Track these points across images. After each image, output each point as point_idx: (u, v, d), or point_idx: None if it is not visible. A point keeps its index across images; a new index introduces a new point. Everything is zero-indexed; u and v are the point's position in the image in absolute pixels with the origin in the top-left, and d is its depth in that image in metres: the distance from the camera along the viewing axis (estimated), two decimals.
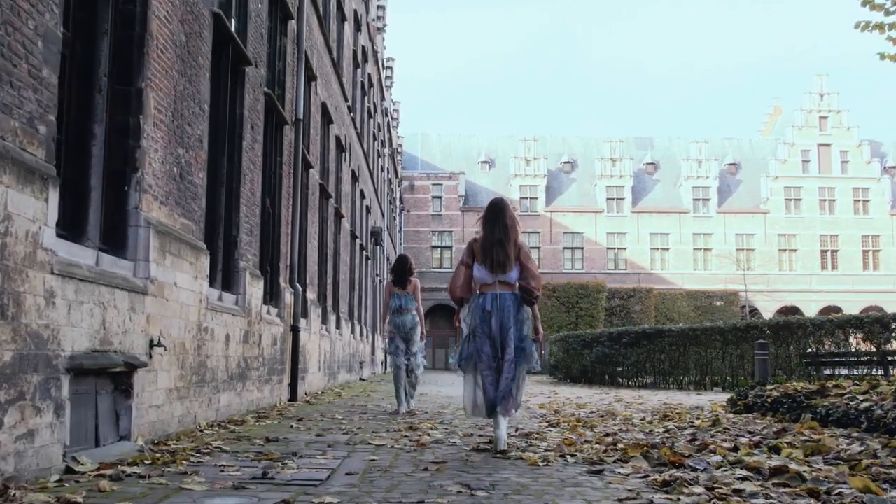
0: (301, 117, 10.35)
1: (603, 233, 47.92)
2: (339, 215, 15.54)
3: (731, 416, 8.05)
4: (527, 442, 5.59)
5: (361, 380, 19.02)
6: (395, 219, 38.93)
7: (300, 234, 11.30)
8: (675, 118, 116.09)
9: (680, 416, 8.28)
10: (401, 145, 45.92)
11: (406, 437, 5.83)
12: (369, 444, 5.34)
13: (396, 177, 41.00)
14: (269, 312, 8.93)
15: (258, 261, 8.37)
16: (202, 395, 6.25)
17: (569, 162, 50.37)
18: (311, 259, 12.07)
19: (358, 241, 19.27)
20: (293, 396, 9.88)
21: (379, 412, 8.48)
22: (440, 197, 48.31)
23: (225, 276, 7.31)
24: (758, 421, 7.32)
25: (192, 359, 5.97)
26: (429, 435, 5.95)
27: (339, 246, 15.77)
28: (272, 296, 9.31)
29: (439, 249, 48.01)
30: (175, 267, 5.53)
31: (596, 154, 49.94)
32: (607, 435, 6.19)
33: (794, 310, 44.74)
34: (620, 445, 5.36)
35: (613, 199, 48.58)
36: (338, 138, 15.21)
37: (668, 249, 48.08)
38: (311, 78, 11.81)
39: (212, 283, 6.80)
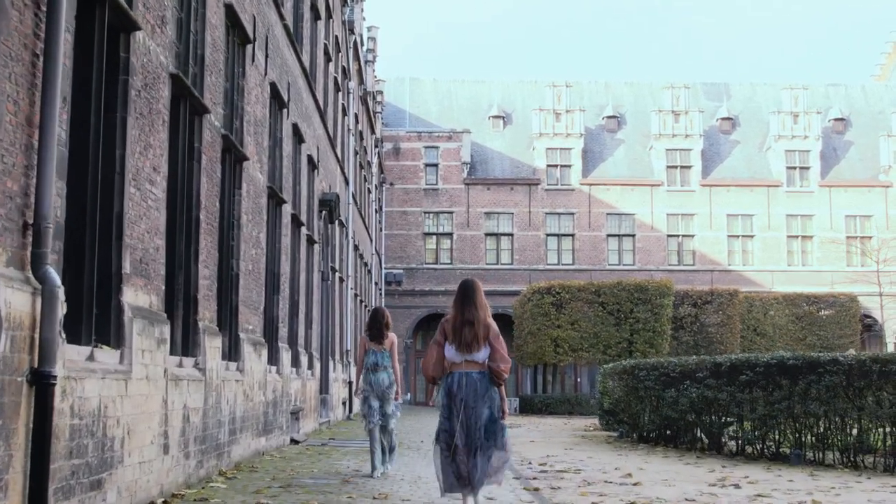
0: None
1: (662, 214, 43.21)
2: (235, 154, 10.62)
3: None
4: None
5: (294, 442, 14.18)
6: (369, 191, 34.06)
7: (98, 155, 6.42)
8: (756, 67, 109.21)
9: None
10: (381, 92, 41.05)
11: None
12: None
13: (373, 133, 36.11)
14: None
15: None
16: None
17: (614, 117, 45.57)
18: (141, 221, 7.18)
19: (287, 208, 14.36)
20: None
21: None
22: (436, 165, 43.46)
23: None
24: None
25: None
26: None
27: (239, 210, 10.86)
28: None
29: (434, 238, 43.15)
30: None
31: (651, 105, 45.12)
32: None
33: None
34: None
35: (676, 167, 43.82)
36: (231, 11, 10.30)
37: (751, 237, 43.40)
38: None
39: None
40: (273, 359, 13.13)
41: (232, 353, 10.59)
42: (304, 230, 16.15)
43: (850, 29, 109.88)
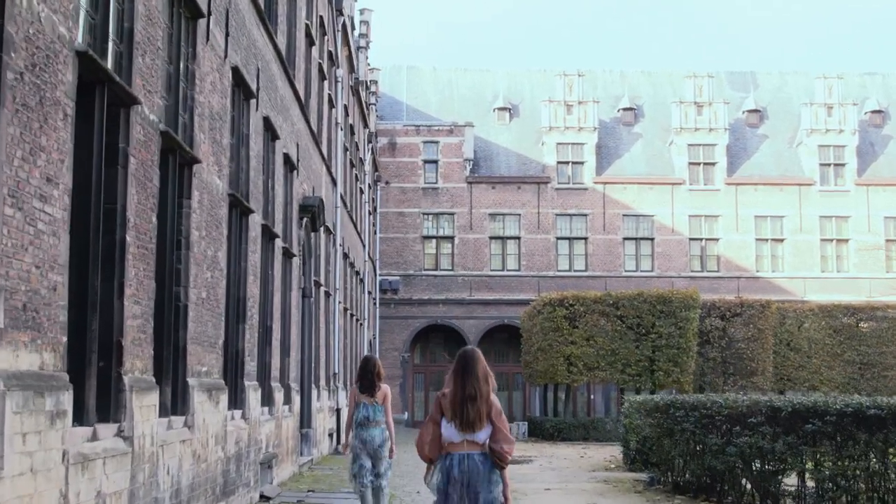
0: None
1: (683, 216, 41.63)
2: (181, 156, 8.91)
3: None
4: None
5: (265, 499, 12.50)
6: (361, 191, 32.36)
7: None
8: (783, 57, 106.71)
9: None
10: (375, 82, 39.38)
11: None
12: None
13: (366, 127, 34.41)
14: None
15: None
16: None
17: (631, 109, 43.94)
18: (25, 253, 5.51)
19: (256, 218, 12.64)
20: None
21: None
22: (435, 161, 41.82)
23: None
24: None
25: None
26: None
27: (188, 225, 9.15)
28: None
29: (434, 241, 41.50)
30: None
31: (672, 96, 43.48)
32: None
33: None
34: None
35: (699, 164, 42.24)
36: None
37: (782, 241, 41.81)
38: None
39: None
40: (237, 402, 11.42)
41: (177, 405, 8.87)
42: (278, 243, 14.42)
43: (883, 16, 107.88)
